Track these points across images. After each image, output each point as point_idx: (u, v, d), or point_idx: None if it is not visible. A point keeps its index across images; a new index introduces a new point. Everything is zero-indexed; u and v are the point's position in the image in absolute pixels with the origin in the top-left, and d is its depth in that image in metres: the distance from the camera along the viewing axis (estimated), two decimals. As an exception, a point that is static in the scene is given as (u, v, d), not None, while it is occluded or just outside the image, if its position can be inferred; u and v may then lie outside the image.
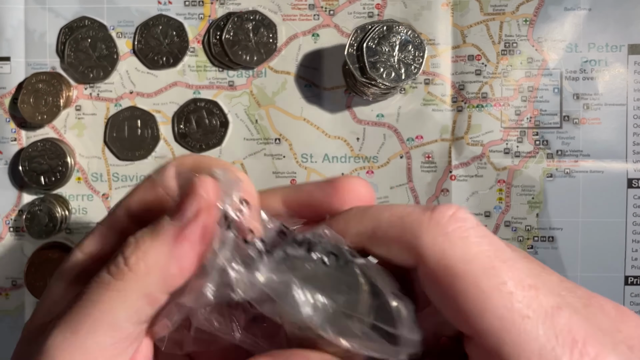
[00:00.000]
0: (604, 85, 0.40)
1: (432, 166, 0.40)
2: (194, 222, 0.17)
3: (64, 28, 0.41)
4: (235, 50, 0.40)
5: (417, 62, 0.36)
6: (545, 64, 0.40)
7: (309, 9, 0.41)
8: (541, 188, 0.40)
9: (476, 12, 0.40)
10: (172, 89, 0.41)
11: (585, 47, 0.40)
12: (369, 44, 0.35)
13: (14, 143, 0.41)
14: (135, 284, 0.17)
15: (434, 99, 0.40)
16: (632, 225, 0.40)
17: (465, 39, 0.40)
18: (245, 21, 0.40)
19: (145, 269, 0.17)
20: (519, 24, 0.40)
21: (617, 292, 0.40)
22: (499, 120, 0.40)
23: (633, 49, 0.40)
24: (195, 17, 0.41)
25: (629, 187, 0.40)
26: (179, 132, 0.41)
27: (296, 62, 0.41)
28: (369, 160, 0.41)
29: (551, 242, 0.40)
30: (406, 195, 0.40)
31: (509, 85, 0.40)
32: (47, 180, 0.40)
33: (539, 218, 0.40)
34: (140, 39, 0.41)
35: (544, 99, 0.40)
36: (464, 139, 0.40)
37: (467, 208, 0.40)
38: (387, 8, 0.40)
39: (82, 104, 0.41)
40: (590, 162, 0.40)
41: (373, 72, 0.35)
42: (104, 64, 0.40)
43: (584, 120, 0.40)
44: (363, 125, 0.41)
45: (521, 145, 0.40)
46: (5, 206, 0.41)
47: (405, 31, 0.36)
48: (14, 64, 0.41)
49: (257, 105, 0.41)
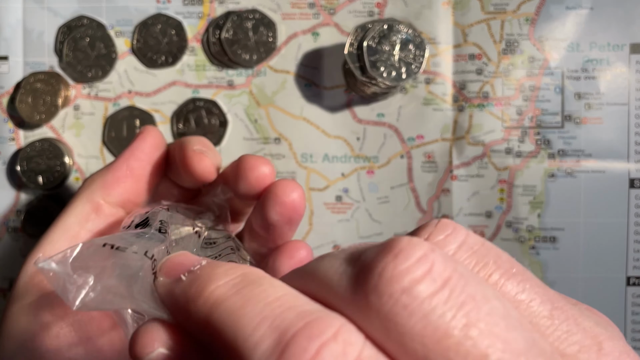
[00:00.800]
0: (605, 84, 0.40)
1: (432, 166, 0.40)
2: (129, 146, 0.23)
3: (62, 27, 0.40)
4: (235, 49, 0.40)
5: (418, 61, 0.36)
6: (547, 63, 0.40)
7: (309, 8, 0.40)
8: (543, 188, 0.40)
9: (477, 11, 0.40)
10: (170, 89, 0.41)
11: (587, 46, 0.40)
12: (369, 43, 0.35)
13: (12, 143, 0.41)
14: (81, 193, 0.22)
15: (434, 98, 0.40)
16: (634, 226, 0.40)
17: (466, 38, 0.40)
18: (245, 20, 0.40)
19: (89, 180, 0.23)
20: (520, 23, 0.40)
21: (619, 292, 0.40)
22: (500, 119, 0.40)
23: (635, 48, 0.40)
24: (194, 16, 0.40)
25: (630, 187, 0.40)
26: (177, 132, 0.40)
27: (296, 61, 0.40)
28: (369, 160, 0.40)
29: (553, 242, 0.40)
30: (406, 195, 0.40)
31: (510, 84, 0.40)
32: (45, 180, 0.40)
33: (541, 218, 0.40)
34: (139, 38, 0.40)
35: (546, 99, 0.40)
36: (465, 139, 0.40)
37: (468, 208, 0.40)
38: (387, 7, 0.40)
39: (81, 103, 0.41)
40: (592, 162, 0.40)
41: (373, 71, 0.35)
42: (103, 63, 0.40)
43: (585, 120, 0.40)
44: (363, 124, 0.40)
45: (522, 145, 0.40)
46: (3, 206, 0.41)
47: (406, 30, 0.35)
48: (12, 63, 0.40)
49: (256, 105, 0.40)
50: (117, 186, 0.22)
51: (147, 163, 0.23)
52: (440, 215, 0.40)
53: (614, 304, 0.40)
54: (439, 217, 0.40)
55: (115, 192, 0.22)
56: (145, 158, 0.23)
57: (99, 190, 0.22)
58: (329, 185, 0.40)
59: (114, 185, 0.22)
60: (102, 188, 0.22)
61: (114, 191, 0.22)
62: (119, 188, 0.22)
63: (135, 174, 0.22)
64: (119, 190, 0.22)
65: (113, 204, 0.22)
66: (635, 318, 0.40)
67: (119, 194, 0.22)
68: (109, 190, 0.22)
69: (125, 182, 0.22)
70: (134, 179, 0.22)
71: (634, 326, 0.40)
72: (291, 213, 0.21)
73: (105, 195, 0.22)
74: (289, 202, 0.21)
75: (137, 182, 0.23)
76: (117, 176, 0.22)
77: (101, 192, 0.22)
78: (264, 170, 0.21)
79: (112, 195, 0.22)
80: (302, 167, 0.40)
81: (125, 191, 0.22)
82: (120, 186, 0.22)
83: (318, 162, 0.40)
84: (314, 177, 0.40)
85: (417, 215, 0.40)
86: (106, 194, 0.22)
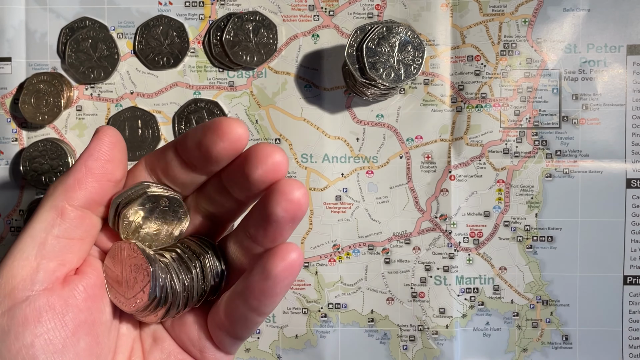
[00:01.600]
0: (602, 85, 0.40)
1: (431, 166, 0.41)
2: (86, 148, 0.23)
3: (64, 29, 0.41)
4: (236, 50, 0.40)
5: (417, 62, 0.36)
6: (545, 64, 0.40)
7: (309, 10, 0.41)
8: (540, 188, 0.40)
9: (475, 13, 0.40)
10: (172, 90, 0.41)
11: (584, 47, 0.40)
12: (368, 45, 0.35)
13: (15, 143, 0.41)
14: (45, 199, 0.23)
15: (433, 99, 0.40)
16: (630, 225, 0.40)
17: (464, 40, 0.40)
18: (246, 22, 0.40)
19: (52, 187, 0.23)
20: (518, 24, 0.40)
21: (616, 292, 0.40)
22: (498, 120, 0.40)
23: (632, 49, 0.40)
24: (195, 18, 0.41)
25: (627, 187, 0.40)
26: (179, 133, 0.41)
27: (296, 63, 0.41)
28: (369, 161, 0.41)
29: (550, 242, 0.40)
30: (406, 195, 0.41)
31: (508, 85, 0.40)
32: (48, 180, 0.40)
33: (538, 218, 0.40)
34: (140, 39, 0.41)
35: (543, 100, 0.40)
36: (463, 139, 0.40)
37: (466, 208, 0.40)
38: (386, 9, 0.41)
39: (83, 104, 0.41)
40: (589, 162, 0.40)
41: (373, 72, 0.35)
42: (105, 64, 0.41)
43: (583, 121, 0.40)
44: (363, 125, 0.41)
45: (520, 146, 0.40)
46: (7, 206, 0.41)
47: (405, 32, 0.36)
48: (15, 65, 0.41)
49: (257, 106, 0.41)
50: (79, 188, 0.22)
51: (106, 161, 0.23)
52: (438, 215, 0.41)
53: (611, 303, 0.40)
54: (437, 216, 0.41)
55: (77, 195, 0.22)
56: (103, 157, 0.23)
57: (61, 194, 0.22)
58: (328, 185, 0.41)
59: (75, 187, 0.22)
60: (64, 192, 0.22)
61: (76, 194, 0.22)
62: (80, 190, 0.22)
63: (95, 174, 0.23)
64: (81, 192, 0.22)
65: (77, 207, 0.23)
66: (632, 317, 0.40)
67: (82, 195, 0.22)
68: (71, 193, 0.22)
69: (85, 183, 0.22)
70: (94, 178, 0.23)
71: (630, 325, 0.40)
72: (296, 210, 0.22)
73: (68, 198, 0.22)
74: (295, 199, 0.21)
75: (98, 181, 0.23)
76: (77, 177, 0.22)
77: (64, 196, 0.22)
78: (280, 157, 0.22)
79: (75, 198, 0.22)
80: (302, 167, 0.41)
81: (87, 192, 0.23)
82: (82, 188, 0.22)
83: (318, 162, 0.41)
84: (314, 177, 0.41)
85: (416, 214, 0.41)
86: (69, 197, 0.22)
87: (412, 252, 0.41)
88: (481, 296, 0.41)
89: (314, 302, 0.41)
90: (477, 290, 0.41)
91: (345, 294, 0.41)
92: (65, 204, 0.22)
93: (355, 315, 0.41)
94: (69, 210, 0.22)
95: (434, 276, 0.41)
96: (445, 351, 0.41)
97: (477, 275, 0.41)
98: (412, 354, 0.41)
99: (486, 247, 0.40)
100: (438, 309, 0.41)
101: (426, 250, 0.41)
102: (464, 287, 0.41)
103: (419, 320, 0.41)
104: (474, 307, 0.41)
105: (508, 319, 0.41)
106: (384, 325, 0.41)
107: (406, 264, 0.41)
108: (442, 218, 0.41)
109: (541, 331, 0.41)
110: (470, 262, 0.41)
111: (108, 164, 0.23)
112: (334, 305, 0.41)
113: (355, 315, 0.41)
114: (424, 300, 0.41)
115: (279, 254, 0.22)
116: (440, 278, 0.41)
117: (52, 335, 0.21)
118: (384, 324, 0.41)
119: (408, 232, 0.41)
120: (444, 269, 0.41)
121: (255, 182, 0.22)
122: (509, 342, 0.41)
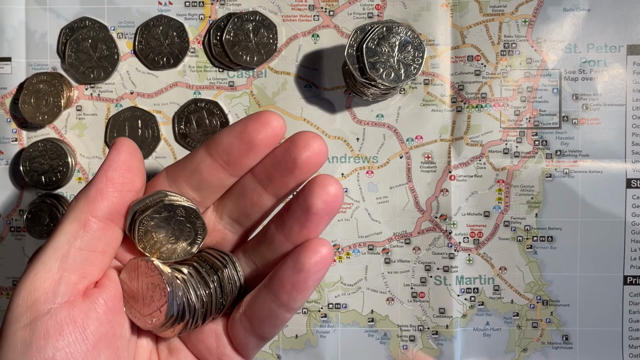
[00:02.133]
0: (603, 85, 0.40)
1: (431, 166, 0.41)
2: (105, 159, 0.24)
3: (64, 29, 0.41)
4: (236, 50, 0.40)
5: (417, 62, 0.36)
6: (545, 64, 0.40)
7: (309, 10, 0.41)
8: (540, 188, 0.40)
9: (475, 13, 0.40)
10: (172, 90, 0.41)
11: (584, 47, 0.40)
12: (368, 45, 0.35)
13: (15, 143, 0.41)
14: (68, 211, 0.23)
15: (433, 99, 0.40)
16: (631, 225, 0.40)
17: (464, 40, 0.40)
18: (246, 22, 0.40)
19: (74, 199, 0.23)
20: (518, 24, 0.40)
21: (616, 292, 0.40)
22: (498, 120, 0.40)
23: (632, 49, 0.40)
24: (195, 18, 0.41)
25: (627, 187, 0.40)
26: (179, 133, 0.41)
27: (296, 63, 0.41)
28: (369, 161, 0.41)
29: (550, 242, 0.40)
30: (406, 195, 0.41)
31: (508, 85, 0.40)
32: (48, 180, 0.40)
33: (538, 218, 0.40)
34: (140, 39, 0.41)
35: (543, 100, 0.40)
36: (463, 139, 0.40)
37: (466, 208, 0.40)
38: (386, 9, 0.41)
39: (83, 104, 0.41)
40: (589, 162, 0.40)
41: (373, 72, 0.35)
42: (105, 64, 0.41)
43: (583, 121, 0.40)
44: (363, 125, 0.41)
45: (520, 146, 0.40)
46: (7, 206, 0.41)
47: (405, 32, 0.36)
48: (15, 65, 0.41)
49: (257, 106, 0.41)
50: (101, 199, 0.22)
51: (125, 170, 0.23)
52: (438, 215, 0.41)
53: (611, 303, 0.40)
54: (437, 216, 0.41)
55: (100, 206, 0.22)
56: (122, 166, 0.23)
57: (84, 206, 0.22)
58: (328, 185, 0.41)
59: (97, 198, 0.22)
60: (86, 203, 0.22)
61: (98, 205, 0.22)
62: (102, 200, 0.22)
63: (116, 183, 0.23)
64: (103, 202, 0.22)
65: (100, 218, 0.22)
66: (632, 317, 0.40)
67: (104, 206, 0.22)
68: (93, 204, 0.22)
69: (107, 193, 0.23)
70: (115, 187, 0.23)
71: (630, 325, 0.40)
72: (334, 203, 0.23)
73: (90, 210, 0.22)
74: (334, 193, 0.23)
75: (119, 191, 0.23)
76: (98, 188, 0.22)
77: (86, 208, 0.22)
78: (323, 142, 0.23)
79: (97, 209, 0.22)
80: (302, 168, 0.41)
81: (109, 202, 0.23)
82: (104, 198, 0.22)
83: (318, 162, 0.41)
84: (314, 177, 0.41)
85: (416, 215, 0.41)
86: (91, 208, 0.22)
87: (412, 252, 0.41)
88: (481, 296, 0.41)
89: (314, 302, 0.41)
90: (477, 291, 0.41)
91: (345, 294, 0.41)
92: (88, 215, 0.22)
93: (355, 315, 0.41)
94: (92, 221, 0.22)
95: (434, 276, 0.41)
96: (445, 351, 0.41)
97: (477, 275, 0.41)
98: (412, 354, 0.41)
99: (486, 247, 0.40)
100: (438, 309, 0.41)
101: (426, 250, 0.41)
102: (464, 287, 0.41)
103: (419, 320, 0.41)
104: (474, 307, 0.41)
105: (508, 319, 0.41)
106: (384, 326, 0.41)
107: (406, 264, 0.41)
108: (442, 218, 0.41)
109: (541, 331, 0.41)
110: (470, 262, 0.41)
111: (128, 172, 0.23)
112: (334, 305, 0.41)
113: (355, 315, 0.41)
114: (424, 300, 0.41)
115: (312, 247, 0.23)
116: (440, 278, 0.41)
117: (73, 349, 0.21)
118: (384, 324, 0.41)
119: (408, 232, 0.41)
120: (444, 269, 0.41)
121: (302, 166, 0.23)
122: (509, 342, 0.41)
